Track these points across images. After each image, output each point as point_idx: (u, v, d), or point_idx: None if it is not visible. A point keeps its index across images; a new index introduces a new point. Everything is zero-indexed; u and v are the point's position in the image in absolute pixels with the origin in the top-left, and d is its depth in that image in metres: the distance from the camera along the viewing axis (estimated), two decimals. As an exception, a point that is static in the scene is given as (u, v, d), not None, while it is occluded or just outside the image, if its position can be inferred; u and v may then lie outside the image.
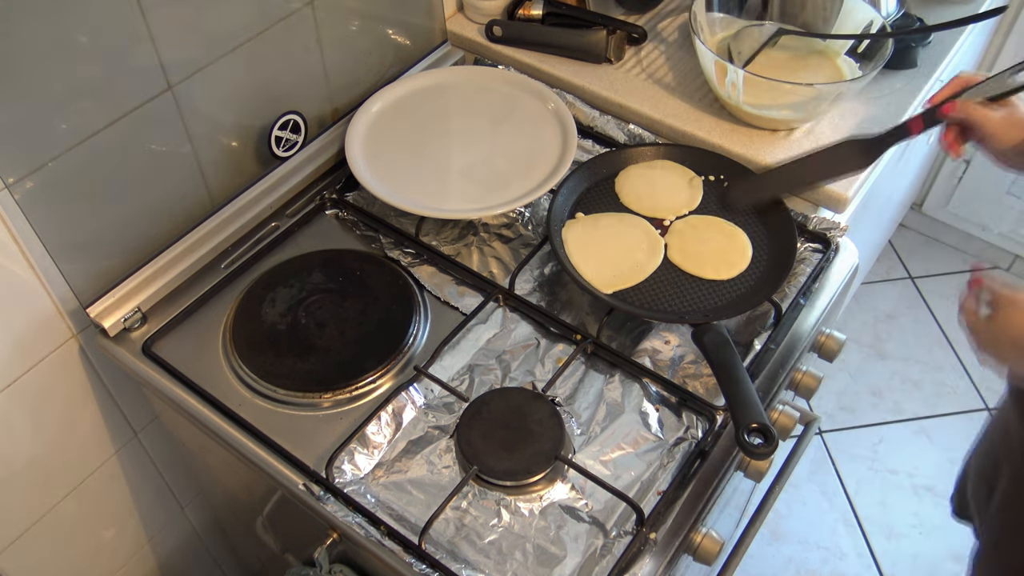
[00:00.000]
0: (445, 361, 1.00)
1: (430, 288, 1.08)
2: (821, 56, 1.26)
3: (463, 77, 1.29)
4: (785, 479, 1.05)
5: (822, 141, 1.18)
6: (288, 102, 1.13)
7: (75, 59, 0.86)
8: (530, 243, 1.13)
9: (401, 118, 1.23)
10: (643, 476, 0.91)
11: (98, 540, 1.25)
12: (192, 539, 1.44)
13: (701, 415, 0.96)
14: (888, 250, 2.45)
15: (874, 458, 2.02)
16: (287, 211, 1.16)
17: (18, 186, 0.87)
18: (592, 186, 1.15)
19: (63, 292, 0.99)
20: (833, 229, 1.10)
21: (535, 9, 1.35)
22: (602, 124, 1.25)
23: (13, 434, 1.04)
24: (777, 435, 0.85)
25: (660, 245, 1.07)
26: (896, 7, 1.30)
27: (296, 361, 0.99)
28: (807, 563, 1.86)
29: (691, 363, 1.00)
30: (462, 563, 0.84)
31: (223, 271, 1.09)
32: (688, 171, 1.15)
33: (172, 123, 1.00)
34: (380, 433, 0.93)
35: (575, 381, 0.99)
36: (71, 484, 1.15)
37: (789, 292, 1.05)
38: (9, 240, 0.90)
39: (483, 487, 0.90)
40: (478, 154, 1.18)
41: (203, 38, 0.98)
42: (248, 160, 1.12)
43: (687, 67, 1.31)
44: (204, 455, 1.16)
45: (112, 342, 1.02)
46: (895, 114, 1.23)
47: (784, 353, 1.01)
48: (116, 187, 0.97)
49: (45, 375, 1.03)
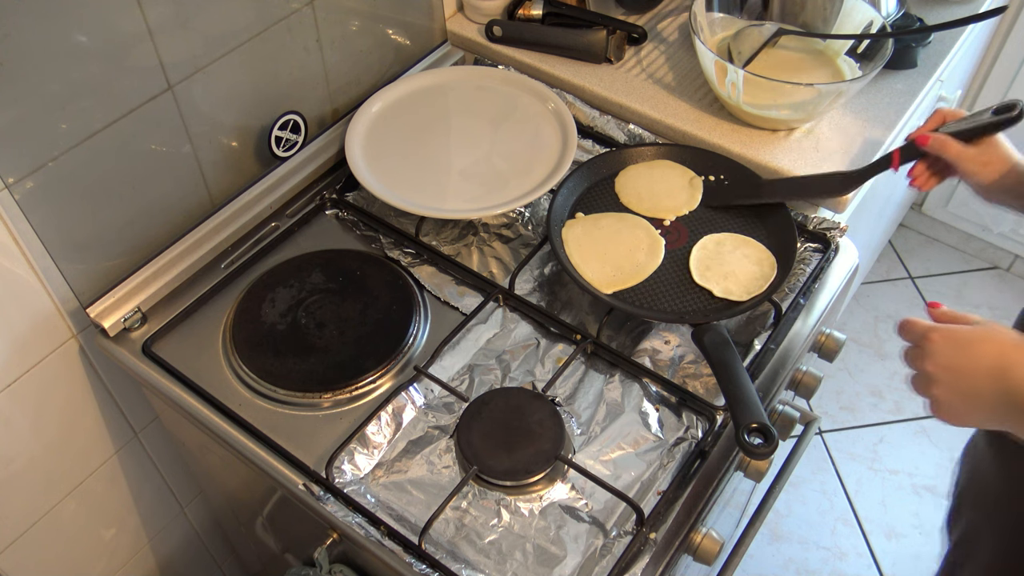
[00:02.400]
0: (445, 361, 1.00)
1: (430, 288, 1.08)
2: (821, 56, 1.26)
3: (463, 77, 1.29)
4: (785, 479, 1.05)
5: (822, 141, 1.18)
6: (288, 102, 1.13)
7: (75, 59, 0.86)
8: (530, 243, 1.13)
9: (401, 118, 1.23)
10: (643, 476, 0.91)
11: (98, 540, 1.25)
12: (192, 539, 1.44)
13: (701, 415, 0.96)
14: (888, 250, 2.45)
15: (874, 458, 2.02)
16: (287, 211, 1.16)
17: (18, 186, 0.87)
18: (592, 186, 1.15)
19: (63, 292, 0.99)
20: (833, 229, 1.10)
21: (535, 9, 1.35)
22: (602, 124, 1.25)
23: (13, 434, 1.04)
24: (777, 435, 0.85)
25: (660, 245, 1.07)
26: (896, 7, 1.30)
27: (296, 361, 0.99)
28: (807, 563, 1.86)
29: (691, 363, 1.00)
30: (462, 563, 0.84)
31: (223, 271, 1.09)
32: (688, 171, 1.15)
33: (172, 123, 1.00)
34: (380, 433, 0.93)
35: (575, 381, 0.99)
36: (71, 484, 1.15)
37: (789, 292, 1.05)
38: (9, 240, 0.90)
39: (483, 487, 0.90)
40: (478, 154, 1.18)
41: (203, 38, 0.98)
42: (248, 160, 1.12)
43: (687, 67, 1.31)
44: (204, 455, 1.16)
45: (112, 342, 1.02)
46: (895, 114, 1.23)
47: (784, 353, 1.01)
48: (116, 187, 0.97)
49: (45, 375, 1.03)
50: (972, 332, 0.71)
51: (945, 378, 0.71)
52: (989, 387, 0.68)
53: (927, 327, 0.74)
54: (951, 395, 0.72)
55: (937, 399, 0.73)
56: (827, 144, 1.18)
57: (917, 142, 0.98)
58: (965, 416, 0.72)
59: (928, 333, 0.73)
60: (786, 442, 1.03)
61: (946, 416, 0.73)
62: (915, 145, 0.98)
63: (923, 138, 0.97)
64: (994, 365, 0.68)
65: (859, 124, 1.21)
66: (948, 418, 0.73)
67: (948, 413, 0.73)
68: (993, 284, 2.37)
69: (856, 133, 1.20)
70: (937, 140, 0.96)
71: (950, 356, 0.71)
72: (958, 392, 0.71)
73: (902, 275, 2.40)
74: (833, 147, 1.18)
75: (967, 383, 0.70)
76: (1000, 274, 2.39)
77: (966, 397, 0.71)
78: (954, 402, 0.72)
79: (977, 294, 2.34)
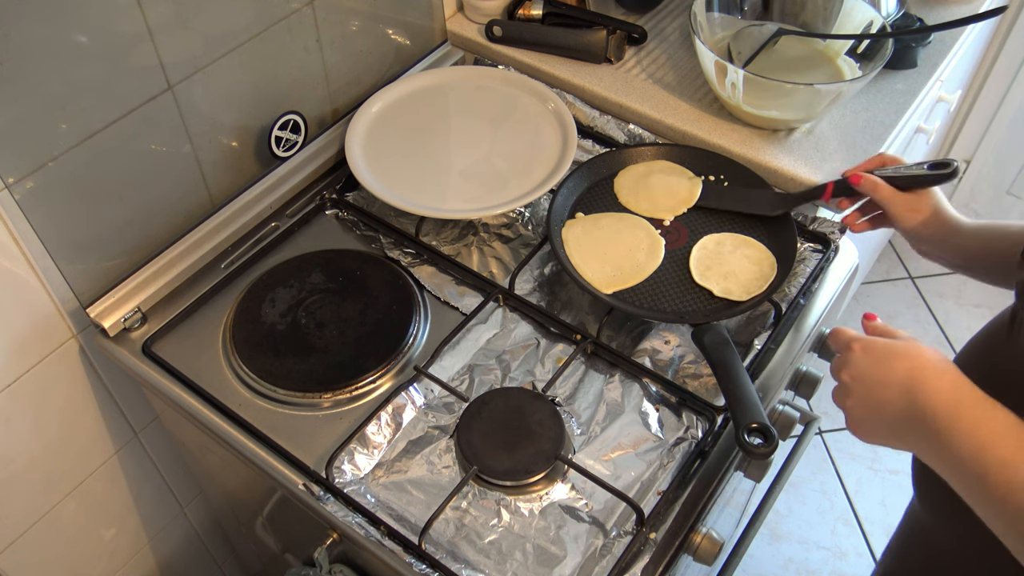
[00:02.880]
0: (445, 361, 1.00)
1: (430, 288, 1.08)
2: (821, 56, 1.26)
3: (463, 77, 1.29)
4: (785, 479, 1.05)
5: (822, 141, 1.18)
6: (288, 102, 1.13)
7: (75, 59, 0.86)
8: (530, 243, 1.13)
9: (401, 118, 1.23)
10: (643, 476, 0.91)
11: (98, 540, 1.25)
12: (192, 539, 1.44)
13: (701, 415, 0.96)
14: (888, 250, 2.45)
15: (874, 458, 2.02)
16: (287, 211, 1.16)
17: (18, 186, 0.87)
18: (592, 186, 1.15)
19: (63, 292, 0.99)
20: (833, 229, 1.10)
21: (535, 9, 1.35)
22: (602, 124, 1.25)
23: (13, 434, 1.04)
24: (777, 435, 0.85)
25: (660, 245, 1.07)
26: (896, 7, 1.30)
27: (296, 361, 0.99)
28: (807, 563, 1.86)
29: (691, 363, 1.00)
30: (462, 563, 0.84)
31: (223, 271, 1.09)
32: (687, 171, 1.15)
33: (172, 123, 1.00)
34: (380, 433, 0.93)
35: (575, 381, 0.99)
36: (71, 484, 1.15)
37: (789, 292, 1.05)
38: (9, 240, 0.90)
39: (483, 487, 0.90)
40: (478, 154, 1.18)
41: (203, 38, 0.98)
42: (248, 160, 1.12)
43: (687, 67, 1.31)
44: (204, 455, 1.16)
45: (112, 342, 1.02)
46: (895, 114, 1.23)
47: (784, 353, 1.01)
48: (116, 187, 0.97)
49: (45, 375, 1.03)
50: (891, 346, 0.70)
51: (857, 389, 0.71)
52: (896, 401, 0.67)
53: (851, 337, 0.73)
54: (861, 407, 0.71)
55: (848, 410, 0.72)
56: (827, 144, 1.18)
57: (850, 180, 1.00)
58: (872, 429, 0.71)
59: (851, 343, 0.73)
60: (786, 442, 1.03)
61: (855, 428, 0.72)
62: (847, 183, 1.00)
63: (856, 177, 0.99)
64: (904, 379, 0.67)
65: (859, 124, 1.21)
66: (857, 431, 0.72)
67: (857, 425, 0.72)
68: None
69: (856, 133, 1.20)
70: (869, 180, 0.98)
71: (865, 367, 0.70)
72: (867, 404, 0.70)
73: (902, 275, 2.40)
74: (833, 147, 1.18)
75: (876, 395, 0.69)
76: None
77: (874, 410, 0.70)
78: (863, 415, 0.71)
79: (977, 294, 2.34)
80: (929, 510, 0.86)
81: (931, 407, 0.65)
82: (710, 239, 1.07)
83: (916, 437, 0.67)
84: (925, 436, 0.65)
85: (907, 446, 0.69)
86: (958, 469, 0.64)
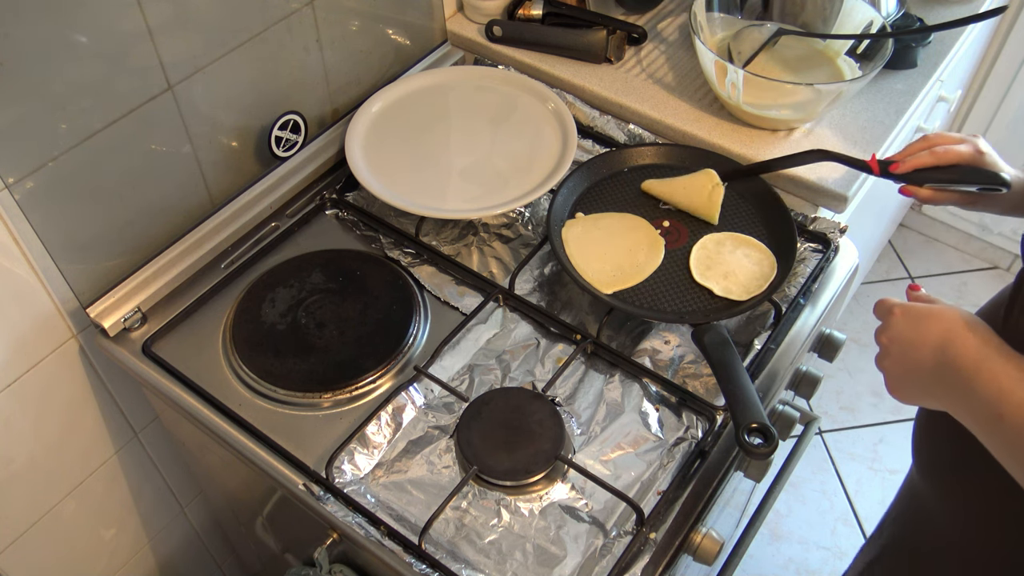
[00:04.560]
0: (445, 361, 1.00)
1: (430, 288, 1.08)
2: (821, 56, 1.26)
3: (463, 77, 1.29)
4: (785, 479, 1.05)
5: (822, 141, 1.18)
6: (288, 102, 1.13)
7: (75, 59, 0.86)
8: (530, 243, 1.13)
9: (401, 118, 1.23)
10: (643, 476, 0.91)
11: (98, 540, 1.25)
12: (192, 539, 1.44)
13: (701, 415, 0.96)
14: (888, 250, 2.45)
15: (874, 458, 2.02)
16: (287, 211, 1.16)
17: (18, 186, 0.87)
18: (592, 186, 1.15)
19: (63, 292, 0.99)
20: (833, 229, 1.10)
21: (535, 9, 1.35)
22: (602, 124, 1.25)
23: (13, 434, 1.04)
24: (777, 435, 0.85)
25: (660, 245, 1.07)
26: (896, 7, 1.30)
27: (296, 361, 0.99)
28: (807, 563, 1.86)
29: (691, 363, 1.00)
30: (462, 563, 0.84)
31: (223, 271, 1.09)
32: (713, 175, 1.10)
33: (172, 123, 1.00)
34: (380, 433, 0.93)
35: (575, 381, 0.99)
36: (71, 484, 1.15)
37: (789, 292, 1.05)
38: (9, 240, 0.90)
39: (483, 487, 0.90)
40: (478, 154, 1.18)
41: (203, 38, 0.98)
42: (248, 160, 1.12)
43: (687, 67, 1.31)
44: (204, 455, 1.16)
45: (112, 342, 1.02)
46: (895, 114, 1.23)
47: (784, 353, 1.01)
48: (116, 187, 0.97)
49: (45, 375, 1.03)
50: (927, 308, 0.72)
51: (894, 350, 0.73)
52: (930, 361, 0.69)
53: (893, 304, 0.75)
54: (898, 367, 0.73)
55: (887, 371, 0.74)
56: (827, 144, 1.18)
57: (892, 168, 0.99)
58: (907, 389, 0.73)
59: (892, 308, 0.75)
60: (786, 442, 1.03)
61: (892, 389, 0.74)
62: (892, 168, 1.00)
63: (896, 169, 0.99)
64: (937, 340, 0.69)
65: (859, 124, 1.21)
66: (894, 391, 0.74)
67: (894, 386, 0.74)
68: (993, 284, 2.36)
69: (856, 133, 1.20)
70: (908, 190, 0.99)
71: (902, 329, 0.72)
72: (904, 365, 0.72)
73: (902, 275, 2.40)
74: (833, 147, 1.18)
75: (913, 356, 0.71)
76: (1000, 274, 2.39)
77: (909, 371, 0.72)
78: (900, 375, 0.73)
79: (977, 294, 2.34)
80: (927, 477, 0.87)
81: (960, 360, 0.67)
82: (710, 239, 1.07)
83: (944, 390, 0.69)
84: (953, 387, 0.68)
85: (938, 402, 0.71)
86: (980, 414, 0.66)
